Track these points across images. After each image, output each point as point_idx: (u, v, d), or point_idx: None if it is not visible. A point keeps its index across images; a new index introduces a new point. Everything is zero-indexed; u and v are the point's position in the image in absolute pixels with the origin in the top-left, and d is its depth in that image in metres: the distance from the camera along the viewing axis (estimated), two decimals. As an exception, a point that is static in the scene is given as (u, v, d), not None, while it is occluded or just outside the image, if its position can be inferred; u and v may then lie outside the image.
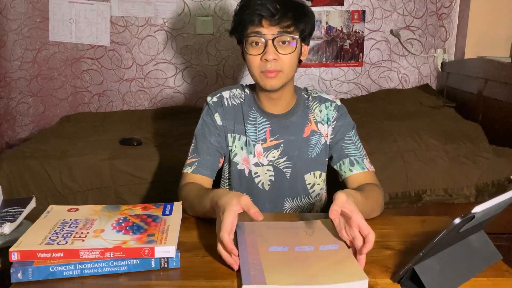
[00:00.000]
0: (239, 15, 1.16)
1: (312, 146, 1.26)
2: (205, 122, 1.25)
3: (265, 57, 1.12)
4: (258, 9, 1.10)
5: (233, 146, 1.26)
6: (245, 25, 1.14)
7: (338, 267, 0.80)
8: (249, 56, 1.15)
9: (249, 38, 1.14)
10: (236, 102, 1.26)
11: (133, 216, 0.93)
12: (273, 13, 1.10)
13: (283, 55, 1.13)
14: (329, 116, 1.26)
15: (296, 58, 1.17)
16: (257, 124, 1.25)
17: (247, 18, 1.12)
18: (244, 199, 0.86)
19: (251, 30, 1.13)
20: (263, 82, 1.16)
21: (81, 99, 2.81)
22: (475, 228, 0.82)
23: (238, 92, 1.28)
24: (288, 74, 1.16)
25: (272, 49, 1.12)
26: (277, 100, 1.22)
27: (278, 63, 1.13)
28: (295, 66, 1.18)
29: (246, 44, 1.15)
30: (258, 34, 1.12)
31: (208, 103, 1.26)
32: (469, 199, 1.81)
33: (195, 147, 1.24)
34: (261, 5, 1.10)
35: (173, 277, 0.81)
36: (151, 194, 1.79)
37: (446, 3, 2.77)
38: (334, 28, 2.77)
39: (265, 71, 1.14)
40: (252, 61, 1.15)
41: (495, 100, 2.16)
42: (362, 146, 1.27)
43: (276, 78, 1.14)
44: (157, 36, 2.76)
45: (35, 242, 0.81)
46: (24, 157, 1.83)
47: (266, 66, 1.13)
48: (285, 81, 1.17)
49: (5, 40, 2.71)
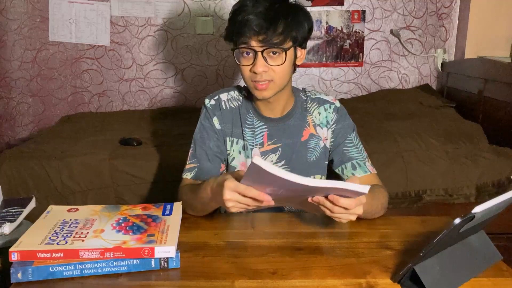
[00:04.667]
0: (230, 25, 1.14)
1: (311, 150, 1.24)
2: (204, 126, 1.23)
3: (254, 70, 1.10)
4: (246, 24, 1.07)
5: (231, 150, 1.24)
6: (234, 37, 1.12)
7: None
8: (240, 66, 1.14)
9: (240, 48, 1.12)
10: (234, 105, 1.25)
11: (133, 216, 0.93)
12: (259, 32, 1.07)
13: (273, 66, 1.11)
14: (328, 119, 1.24)
15: (288, 67, 1.14)
16: (254, 128, 1.23)
17: (236, 30, 1.10)
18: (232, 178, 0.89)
19: (241, 40, 1.11)
20: (255, 93, 1.14)
21: (81, 99, 2.81)
22: (475, 228, 0.82)
23: (235, 95, 1.26)
24: (280, 84, 1.14)
25: (262, 61, 1.09)
26: (273, 104, 1.21)
27: (268, 74, 1.11)
28: (288, 74, 1.15)
29: (237, 54, 1.13)
30: (247, 45, 1.10)
31: (206, 106, 1.24)
32: (469, 199, 1.81)
33: (194, 152, 1.22)
34: (248, 20, 1.07)
35: (173, 277, 0.81)
36: (151, 194, 1.79)
37: (446, 3, 2.77)
38: (334, 28, 2.77)
39: (256, 83, 1.12)
40: (244, 71, 1.13)
41: (495, 100, 2.16)
42: (363, 148, 1.25)
43: (267, 90, 1.12)
44: (157, 36, 2.76)
45: (35, 242, 0.81)
46: (24, 157, 1.83)
47: (256, 77, 1.11)
48: (277, 90, 1.15)
49: (5, 40, 2.71)
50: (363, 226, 1.04)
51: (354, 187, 0.80)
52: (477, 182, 1.81)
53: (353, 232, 1.02)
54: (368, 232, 1.01)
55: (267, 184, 0.83)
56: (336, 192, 0.84)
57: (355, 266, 0.85)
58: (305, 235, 0.99)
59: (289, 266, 0.85)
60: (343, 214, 0.89)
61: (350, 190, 0.80)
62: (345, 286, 0.78)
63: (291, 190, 0.84)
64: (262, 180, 0.82)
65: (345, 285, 0.79)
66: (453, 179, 1.81)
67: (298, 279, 0.80)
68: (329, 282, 0.80)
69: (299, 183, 0.78)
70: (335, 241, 0.96)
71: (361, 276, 0.81)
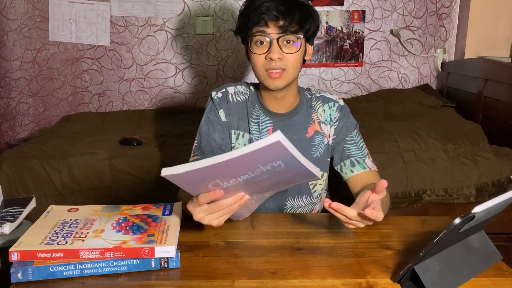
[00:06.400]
0: (245, 15, 1.16)
1: (315, 146, 1.26)
2: (209, 119, 1.24)
3: (269, 56, 1.12)
4: (263, 11, 1.10)
5: (236, 143, 1.25)
6: (250, 25, 1.14)
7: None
8: (254, 55, 1.15)
9: (254, 37, 1.14)
10: (241, 98, 1.26)
11: (133, 216, 0.93)
12: (277, 17, 1.10)
13: (287, 54, 1.13)
14: (331, 117, 1.26)
15: (300, 58, 1.17)
16: (260, 122, 1.25)
17: (252, 19, 1.12)
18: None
19: (256, 29, 1.13)
20: (268, 82, 1.16)
21: (81, 99, 2.81)
22: (475, 228, 0.82)
23: (243, 89, 1.28)
24: (293, 74, 1.17)
25: (277, 48, 1.12)
26: (281, 99, 1.22)
27: (282, 62, 1.13)
28: (300, 66, 1.18)
29: (251, 43, 1.15)
30: (263, 33, 1.12)
31: (213, 98, 1.25)
32: (469, 199, 1.81)
33: (199, 145, 1.23)
34: (266, 7, 1.10)
35: (173, 277, 0.81)
36: (151, 194, 1.79)
37: (446, 3, 2.77)
38: (334, 28, 2.77)
39: (270, 71, 1.14)
40: (257, 60, 1.15)
41: (495, 100, 2.16)
42: (364, 146, 1.26)
43: (280, 79, 1.15)
44: (157, 36, 2.76)
45: (35, 242, 0.81)
46: (24, 157, 1.83)
47: (270, 65, 1.13)
48: (289, 81, 1.17)
49: (5, 40, 2.71)
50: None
51: (263, 142, 0.69)
52: (477, 182, 1.81)
53: (353, 232, 1.01)
54: (368, 232, 1.01)
55: (208, 181, 0.78)
56: (262, 156, 0.73)
57: (355, 266, 0.85)
58: (305, 235, 0.99)
59: (289, 266, 0.85)
60: (357, 222, 0.89)
61: (263, 146, 0.69)
62: (345, 286, 0.78)
63: (228, 173, 0.77)
64: (200, 181, 0.78)
65: (345, 285, 0.79)
66: (453, 179, 1.81)
67: (298, 279, 0.80)
68: (329, 282, 0.80)
69: (220, 162, 0.72)
70: (335, 241, 0.96)
71: (361, 276, 0.81)
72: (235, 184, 0.79)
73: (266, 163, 0.74)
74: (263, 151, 0.71)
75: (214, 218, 0.85)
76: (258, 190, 0.85)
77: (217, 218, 0.85)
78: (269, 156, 0.73)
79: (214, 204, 0.82)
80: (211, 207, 0.83)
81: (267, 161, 0.74)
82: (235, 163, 0.73)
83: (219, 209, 0.83)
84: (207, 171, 0.74)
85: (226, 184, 0.78)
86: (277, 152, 0.72)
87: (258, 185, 0.82)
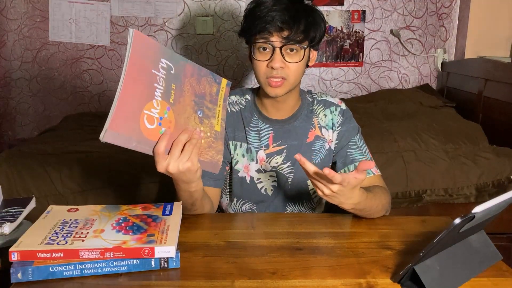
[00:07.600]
0: (249, 20, 1.13)
1: (316, 151, 1.25)
2: None
3: (271, 65, 1.10)
4: (267, 21, 1.08)
5: (235, 153, 1.25)
6: (254, 32, 1.12)
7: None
8: (256, 61, 1.14)
9: (257, 43, 1.12)
10: (236, 109, 1.25)
11: (133, 216, 0.93)
12: (282, 28, 1.08)
13: (290, 64, 1.11)
14: (334, 121, 1.25)
15: (303, 66, 1.15)
16: (260, 130, 1.23)
17: (256, 27, 1.10)
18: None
19: (259, 36, 1.11)
20: (268, 90, 1.14)
21: (81, 99, 2.81)
22: (475, 228, 0.82)
23: (236, 99, 1.26)
24: (294, 83, 1.15)
25: (279, 57, 1.10)
26: (282, 104, 1.21)
27: (284, 71, 1.11)
28: (302, 74, 1.16)
29: (253, 48, 1.13)
30: (266, 40, 1.10)
31: None
32: (469, 199, 1.81)
33: None
34: (271, 17, 1.07)
35: (173, 277, 0.81)
36: (152, 194, 1.79)
37: (446, 3, 2.77)
38: (334, 28, 2.77)
39: (270, 79, 1.12)
40: (259, 66, 1.13)
41: (495, 100, 2.16)
42: (367, 150, 1.25)
43: (281, 87, 1.13)
44: (157, 36, 2.76)
45: (35, 242, 0.81)
46: (24, 157, 1.83)
47: (271, 73, 1.11)
48: (289, 89, 1.15)
49: (5, 40, 2.71)
50: (363, 226, 1.04)
51: (128, 45, 0.82)
52: (477, 182, 1.81)
53: (353, 232, 1.02)
54: (368, 232, 1.01)
55: (138, 111, 0.84)
56: (143, 59, 0.83)
57: (355, 266, 0.85)
58: (305, 235, 0.99)
59: (289, 266, 0.85)
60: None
61: (131, 47, 0.80)
62: (345, 286, 0.78)
63: (142, 95, 0.84)
64: (134, 117, 0.84)
65: (345, 285, 0.79)
66: (453, 179, 1.81)
67: (298, 279, 0.80)
68: (329, 282, 0.80)
69: (122, 84, 0.81)
70: (335, 241, 0.96)
71: (361, 276, 0.81)
72: (166, 111, 0.86)
73: (154, 65, 0.85)
74: (137, 53, 0.81)
75: (184, 161, 0.88)
76: (192, 111, 0.92)
77: (186, 161, 0.88)
78: (146, 55, 0.83)
79: (173, 145, 0.87)
80: (172, 150, 0.87)
81: (153, 63, 0.84)
82: (134, 78, 0.81)
83: (178, 147, 0.88)
84: (126, 101, 0.82)
85: (155, 112, 0.85)
86: (148, 48, 0.83)
87: (184, 106, 0.91)
